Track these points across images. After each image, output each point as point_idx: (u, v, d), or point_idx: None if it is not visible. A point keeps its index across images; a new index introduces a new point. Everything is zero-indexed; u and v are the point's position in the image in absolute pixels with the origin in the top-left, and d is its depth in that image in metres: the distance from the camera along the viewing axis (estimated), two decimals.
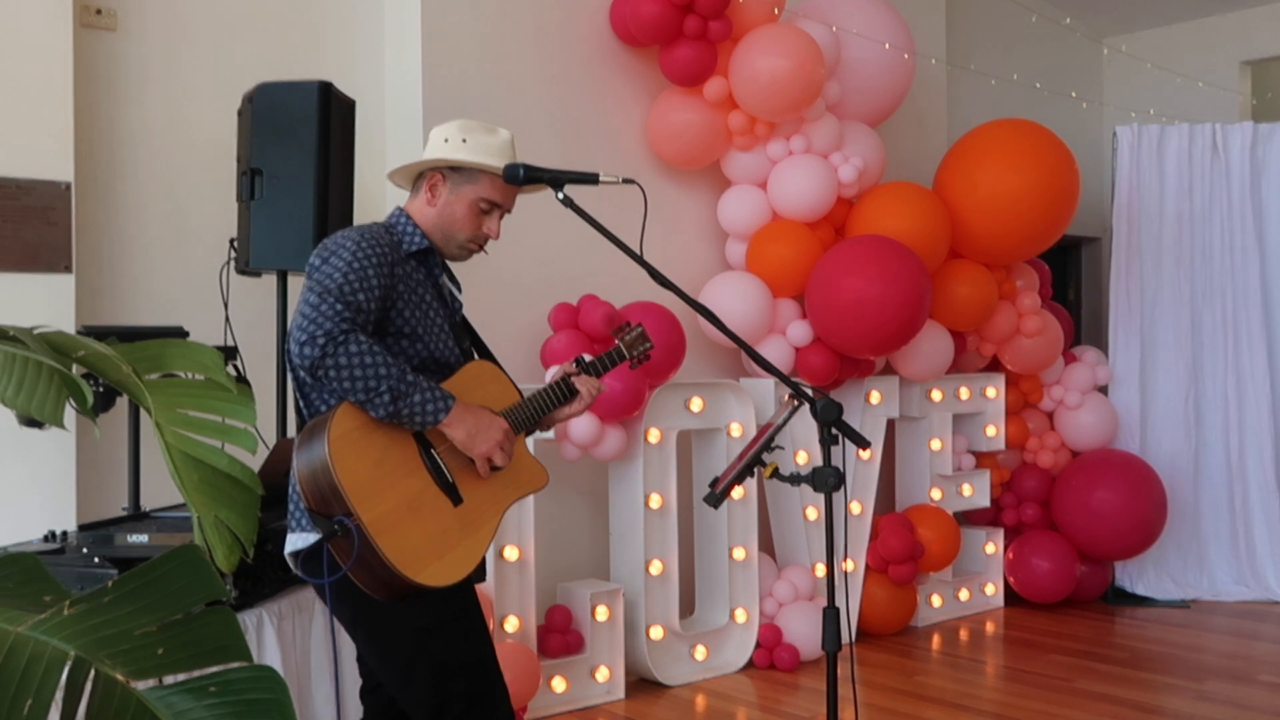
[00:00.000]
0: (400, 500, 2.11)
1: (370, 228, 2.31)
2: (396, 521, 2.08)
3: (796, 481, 2.26)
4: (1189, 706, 4.07)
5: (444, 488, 2.19)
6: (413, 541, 2.09)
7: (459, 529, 2.18)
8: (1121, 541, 5.42)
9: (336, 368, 2.06)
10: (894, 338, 4.63)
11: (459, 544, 2.17)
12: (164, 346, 1.28)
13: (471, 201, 2.39)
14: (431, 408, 2.15)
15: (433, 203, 2.40)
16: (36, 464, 3.33)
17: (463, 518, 2.20)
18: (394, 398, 2.10)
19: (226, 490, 1.22)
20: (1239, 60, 7.29)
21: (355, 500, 2.03)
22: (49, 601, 1.07)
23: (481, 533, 2.22)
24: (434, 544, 2.12)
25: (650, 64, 4.84)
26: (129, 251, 3.77)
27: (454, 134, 2.40)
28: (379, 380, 2.08)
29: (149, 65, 3.82)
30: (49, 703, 0.99)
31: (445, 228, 2.40)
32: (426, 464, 2.19)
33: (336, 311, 2.09)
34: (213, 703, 1.03)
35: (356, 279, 2.15)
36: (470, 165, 2.37)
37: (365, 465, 2.09)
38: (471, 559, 2.18)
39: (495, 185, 2.40)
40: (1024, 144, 5.07)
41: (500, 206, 2.43)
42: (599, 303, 4.20)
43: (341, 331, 2.08)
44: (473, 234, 2.42)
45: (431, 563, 2.10)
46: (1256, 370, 5.82)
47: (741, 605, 4.53)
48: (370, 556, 2.04)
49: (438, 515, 2.16)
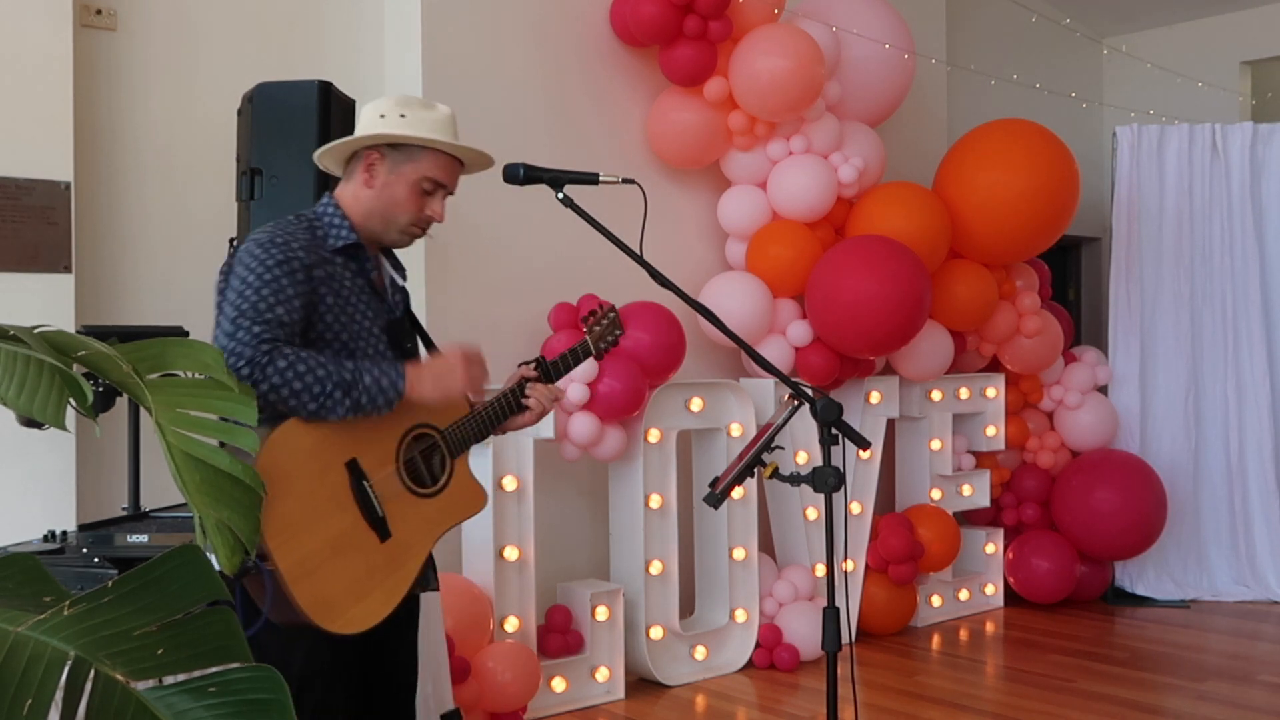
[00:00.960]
0: (323, 541, 1.99)
1: (286, 226, 2.13)
2: (316, 566, 1.96)
3: (796, 481, 2.25)
4: (1189, 706, 4.07)
5: (372, 522, 2.06)
6: (332, 586, 1.98)
7: (384, 567, 2.07)
8: (1121, 541, 5.42)
9: (274, 389, 1.94)
10: (894, 338, 4.63)
11: (381, 583, 2.06)
12: (165, 345, 1.27)
13: (413, 181, 2.19)
14: (387, 382, 2.04)
15: (370, 184, 2.20)
16: (36, 464, 3.33)
17: (390, 553, 2.08)
18: (345, 391, 1.98)
19: (228, 491, 1.22)
20: (1239, 60, 7.29)
21: (273, 544, 1.90)
22: (49, 602, 1.07)
23: (407, 568, 2.11)
24: (355, 587, 2.01)
25: (650, 64, 4.84)
26: (129, 251, 3.77)
27: (390, 109, 2.20)
28: (321, 382, 1.96)
29: (149, 65, 3.82)
30: (49, 703, 0.99)
31: (385, 211, 2.21)
32: (356, 497, 2.05)
33: (253, 334, 1.96)
34: (212, 703, 1.03)
35: (270, 292, 2.00)
36: (412, 140, 2.18)
37: (290, 504, 1.95)
38: (393, 599, 2.06)
39: (439, 163, 2.21)
40: (1024, 144, 5.07)
41: (444, 186, 2.24)
42: (597, 302, 4.19)
43: (262, 353, 1.94)
44: (415, 217, 2.22)
45: (349, 609, 1.99)
46: (1256, 370, 5.82)
47: (741, 605, 4.53)
48: (283, 601, 1.93)
49: (363, 553, 2.04)
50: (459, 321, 4.21)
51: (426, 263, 4.14)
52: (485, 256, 4.32)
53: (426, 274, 4.14)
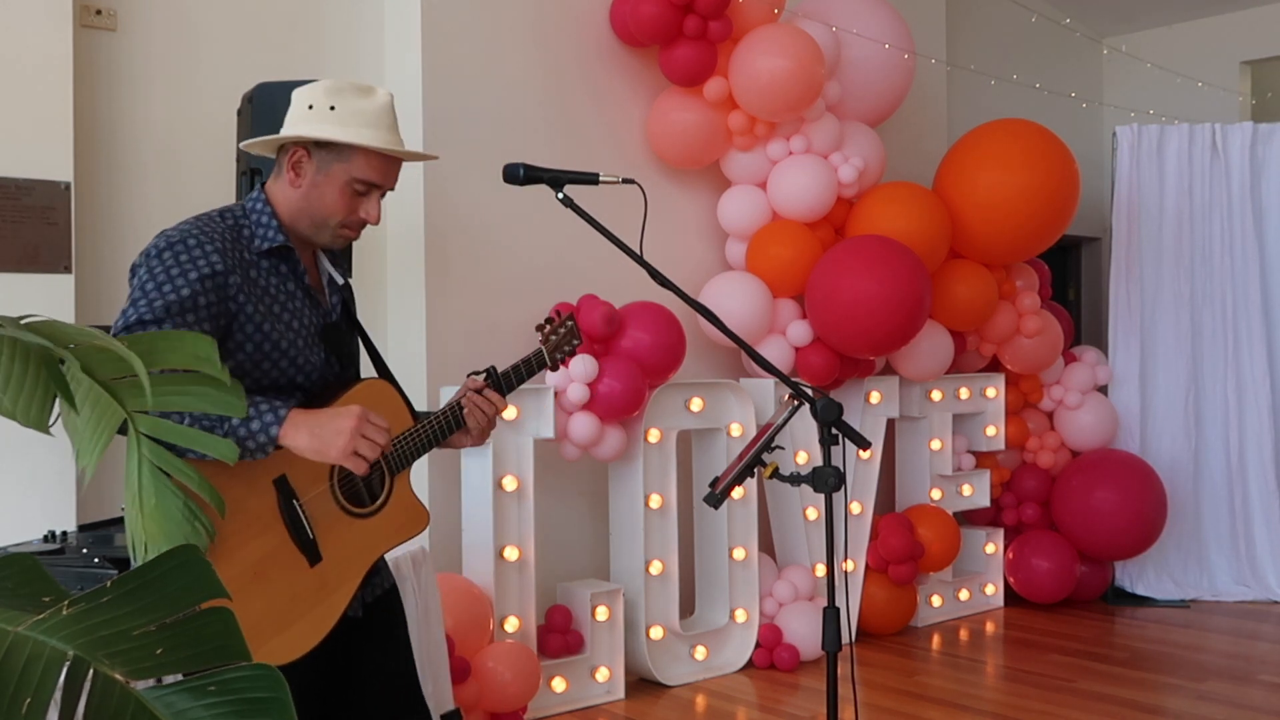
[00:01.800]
0: (245, 566, 1.83)
1: (207, 225, 1.92)
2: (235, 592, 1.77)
3: (796, 481, 2.25)
4: (1189, 706, 4.07)
5: (301, 545, 1.89)
6: (251, 616, 1.80)
7: (313, 593, 1.90)
8: (1121, 541, 5.42)
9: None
10: (894, 338, 4.63)
11: (309, 611, 1.89)
12: (155, 339, 1.26)
13: (344, 183, 1.97)
14: (258, 426, 1.78)
15: (297, 184, 1.98)
16: (36, 464, 3.33)
17: (320, 578, 1.91)
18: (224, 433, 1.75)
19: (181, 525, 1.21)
20: (1239, 60, 7.29)
21: None
22: (48, 601, 1.07)
23: (338, 595, 1.94)
24: (278, 615, 1.85)
25: (650, 64, 4.84)
26: (129, 251, 3.76)
27: (320, 99, 1.96)
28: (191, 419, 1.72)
29: (149, 65, 3.82)
30: (47, 702, 0.99)
31: (313, 213, 1.98)
32: (285, 518, 1.88)
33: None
34: (212, 702, 1.03)
35: (163, 306, 1.78)
36: (339, 141, 1.94)
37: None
38: (320, 629, 1.90)
39: (371, 162, 1.97)
40: (1024, 144, 5.07)
41: (379, 186, 2.01)
42: (599, 303, 4.20)
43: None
44: (345, 219, 2.00)
45: (271, 638, 1.84)
46: (1256, 370, 5.82)
47: (741, 605, 4.53)
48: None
49: (288, 579, 1.87)
50: (458, 322, 4.21)
51: (426, 263, 4.14)
52: (485, 257, 4.32)
53: (426, 274, 4.14)
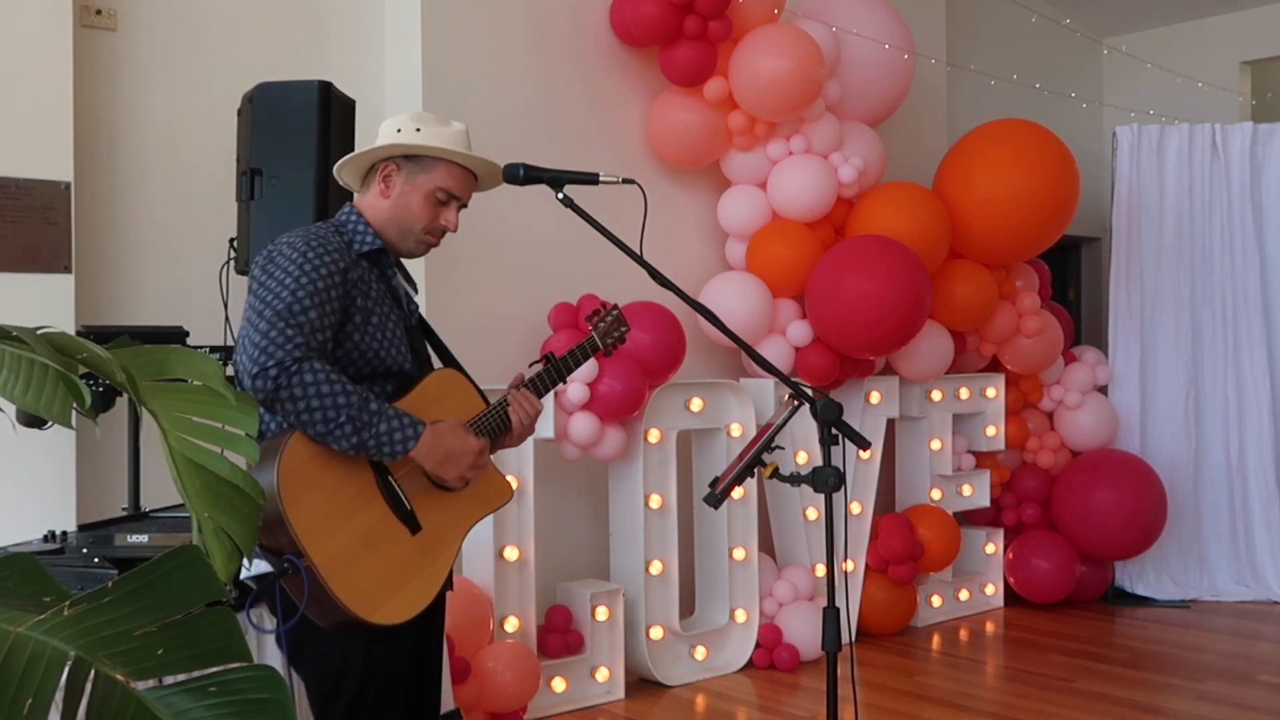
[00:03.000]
0: (354, 536, 2.01)
1: (318, 230, 2.18)
2: (350, 561, 1.98)
3: (796, 481, 2.25)
4: (1189, 706, 4.07)
5: (401, 517, 2.09)
6: (367, 580, 1.99)
7: (417, 559, 2.09)
8: (1121, 541, 5.42)
9: (292, 400, 1.94)
10: (894, 338, 4.63)
11: (416, 576, 2.08)
12: (167, 354, 1.27)
13: (428, 192, 2.25)
14: (400, 436, 2.03)
15: (386, 194, 2.26)
16: (36, 464, 3.33)
17: (422, 546, 2.11)
18: (356, 429, 1.98)
19: (228, 497, 1.22)
20: (1239, 60, 7.29)
21: (306, 541, 1.92)
22: (49, 602, 1.07)
23: (441, 560, 2.13)
24: (390, 580, 2.03)
25: (650, 64, 4.84)
26: (129, 251, 3.77)
27: (407, 124, 2.27)
28: (338, 410, 1.96)
29: (149, 65, 3.82)
30: (49, 703, 0.99)
31: (400, 220, 2.26)
32: (383, 493, 2.08)
33: (287, 337, 1.96)
34: (212, 703, 1.03)
35: (306, 295, 2.02)
36: (426, 151, 2.24)
37: (318, 500, 1.98)
38: (430, 590, 2.09)
39: (452, 174, 2.28)
40: (1024, 144, 5.07)
41: (457, 198, 2.30)
42: (599, 303, 4.19)
43: (293, 360, 1.95)
44: (429, 225, 2.28)
45: (386, 600, 2.01)
46: (1256, 370, 5.82)
47: (741, 605, 4.53)
48: (323, 597, 1.95)
49: (394, 548, 2.06)
50: (459, 321, 4.20)
51: (427, 262, 4.14)
52: (485, 256, 4.32)
53: (427, 274, 4.14)
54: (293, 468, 1.96)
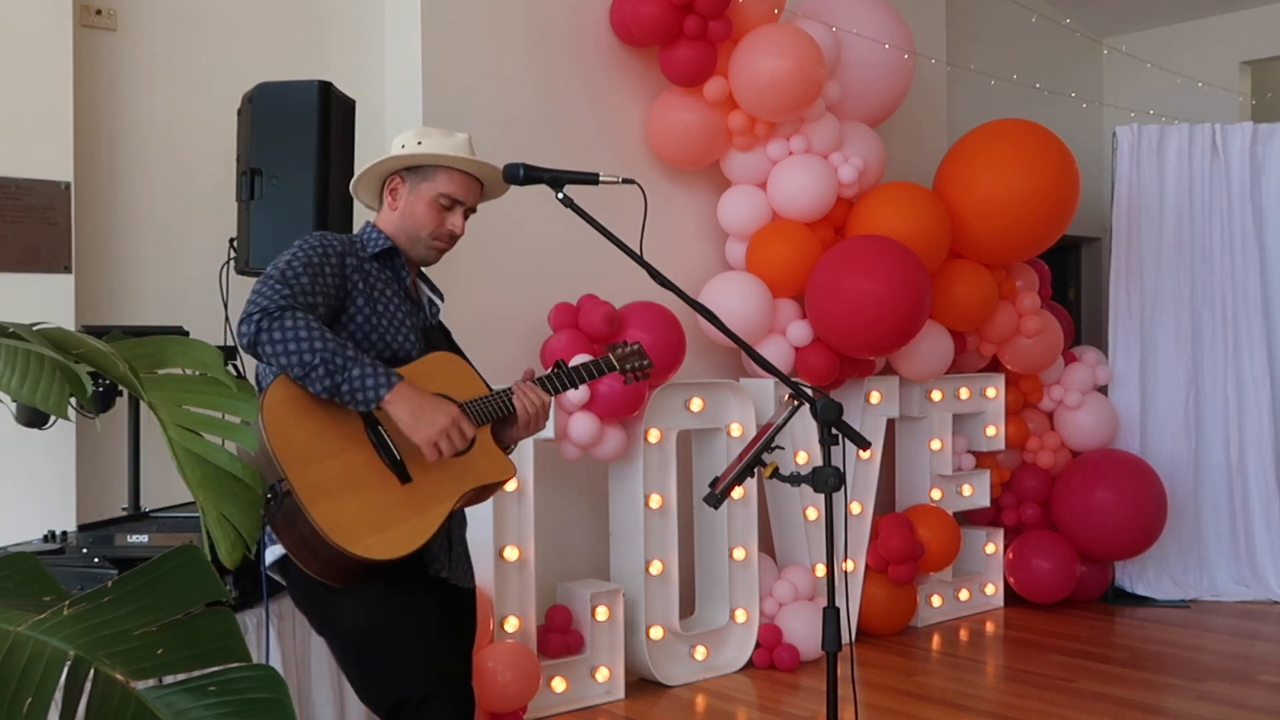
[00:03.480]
0: (339, 471, 2.03)
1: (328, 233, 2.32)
2: (333, 490, 2.00)
3: (796, 481, 2.25)
4: (1189, 706, 4.07)
5: (391, 465, 2.12)
6: (349, 512, 2.00)
7: (406, 506, 2.09)
8: (1121, 541, 5.42)
9: (271, 342, 2.03)
10: (894, 338, 4.63)
11: (406, 520, 2.07)
12: (163, 344, 1.28)
13: (431, 199, 2.37)
14: (373, 383, 2.06)
15: (394, 206, 2.40)
16: (36, 464, 3.33)
17: (412, 495, 2.11)
18: (329, 372, 2.03)
19: (229, 487, 1.22)
20: (1239, 60, 7.29)
21: (287, 466, 1.97)
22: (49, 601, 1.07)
23: (432, 513, 2.12)
24: (375, 517, 2.03)
25: (650, 64, 4.84)
26: (129, 251, 3.77)
27: (410, 139, 2.41)
28: (313, 353, 2.03)
29: (149, 65, 3.82)
30: (49, 702, 0.99)
31: (408, 228, 2.39)
32: (372, 440, 2.12)
33: (275, 290, 2.08)
34: (212, 702, 1.03)
35: (301, 265, 2.15)
36: (425, 160, 2.37)
37: (302, 434, 2.02)
38: (418, 536, 2.08)
39: (454, 180, 2.39)
40: (1024, 144, 5.07)
41: (461, 202, 2.40)
42: (599, 303, 4.20)
43: (277, 307, 2.05)
44: (435, 231, 2.39)
45: (368, 535, 2.00)
46: (1256, 370, 5.82)
47: (741, 605, 4.53)
48: (302, 525, 1.96)
49: (382, 490, 2.07)
50: (459, 322, 4.19)
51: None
52: (485, 256, 4.32)
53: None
54: (278, 401, 2.03)
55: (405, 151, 2.37)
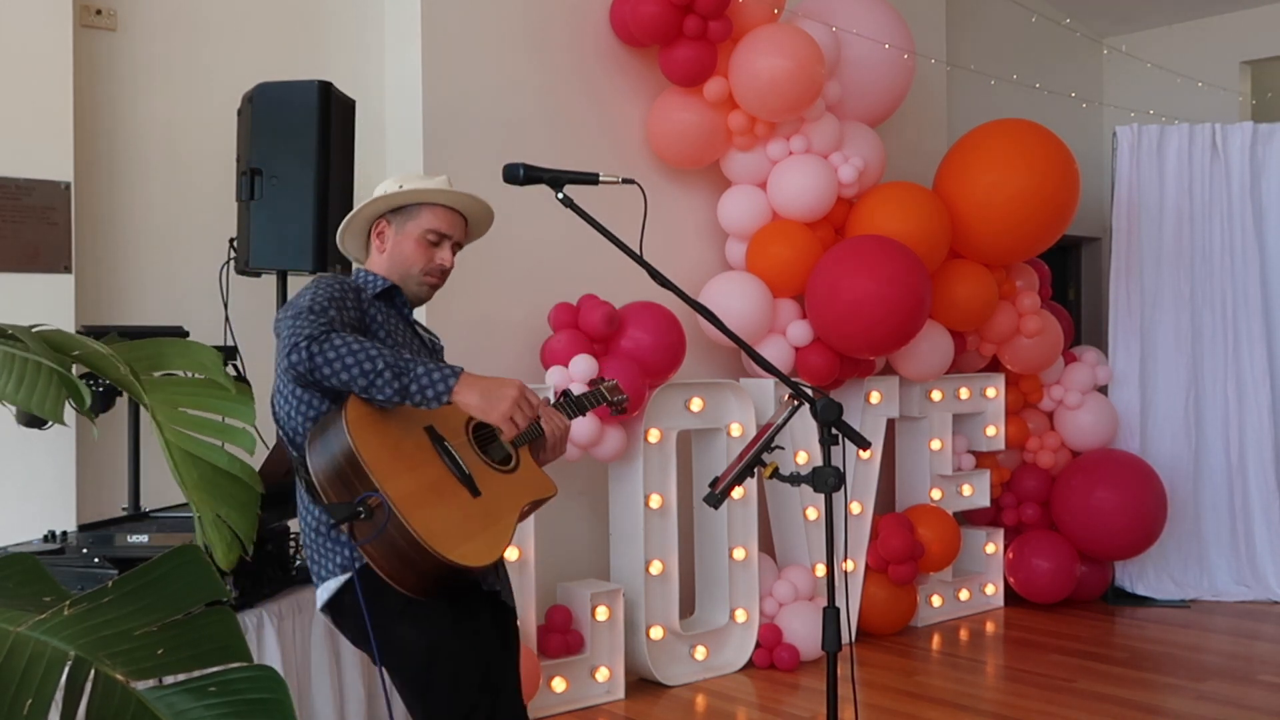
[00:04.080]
0: (424, 483, 2.07)
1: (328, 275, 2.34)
2: (423, 501, 2.03)
3: (796, 481, 2.25)
4: (1189, 706, 4.07)
5: (461, 479, 2.16)
6: (441, 520, 2.03)
7: (481, 516, 2.14)
8: (1121, 541, 5.42)
9: (328, 362, 2.03)
10: (894, 338, 4.63)
11: (485, 530, 2.12)
12: (162, 346, 1.28)
13: (418, 236, 2.40)
14: (439, 376, 2.07)
15: (382, 249, 2.43)
16: (36, 464, 3.33)
17: (484, 507, 2.16)
18: (395, 374, 2.04)
19: (226, 488, 1.22)
20: (1239, 60, 7.29)
21: (380, 477, 1.99)
22: (49, 602, 1.07)
23: (503, 524, 2.18)
24: (461, 526, 2.07)
25: (650, 64, 4.84)
26: (129, 251, 3.77)
27: (390, 185, 2.43)
28: (372, 360, 2.04)
29: (149, 65, 3.82)
30: (49, 702, 0.99)
31: (399, 268, 2.41)
32: (441, 456, 2.16)
33: (310, 321, 2.09)
34: (212, 703, 1.03)
35: (325, 300, 2.17)
36: (409, 198, 2.40)
37: (385, 447, 2.05)
38: (499, 545, 2.14)
39: (438, 216, 2.42)
40: (1024, 144, 5.07)
41: (448, 236, 2.44)
42: (599, 303, 4.20)
43: (320, 331, 2.06)
44: (426, 267, 2.42)
45: (462, 543, 2.04)
46: (1256, 370, 5.82)
47: (741, 605, 4.53)
48: (399, 535, 1.97)
49: (459, 501, 2.12)
50: (458, 322, 4.20)
51: None
52: (485, 257, 4.31)
53: None
54: (358, 416, 2.06)
55: (388, 192, 2.40)
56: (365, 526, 1.99)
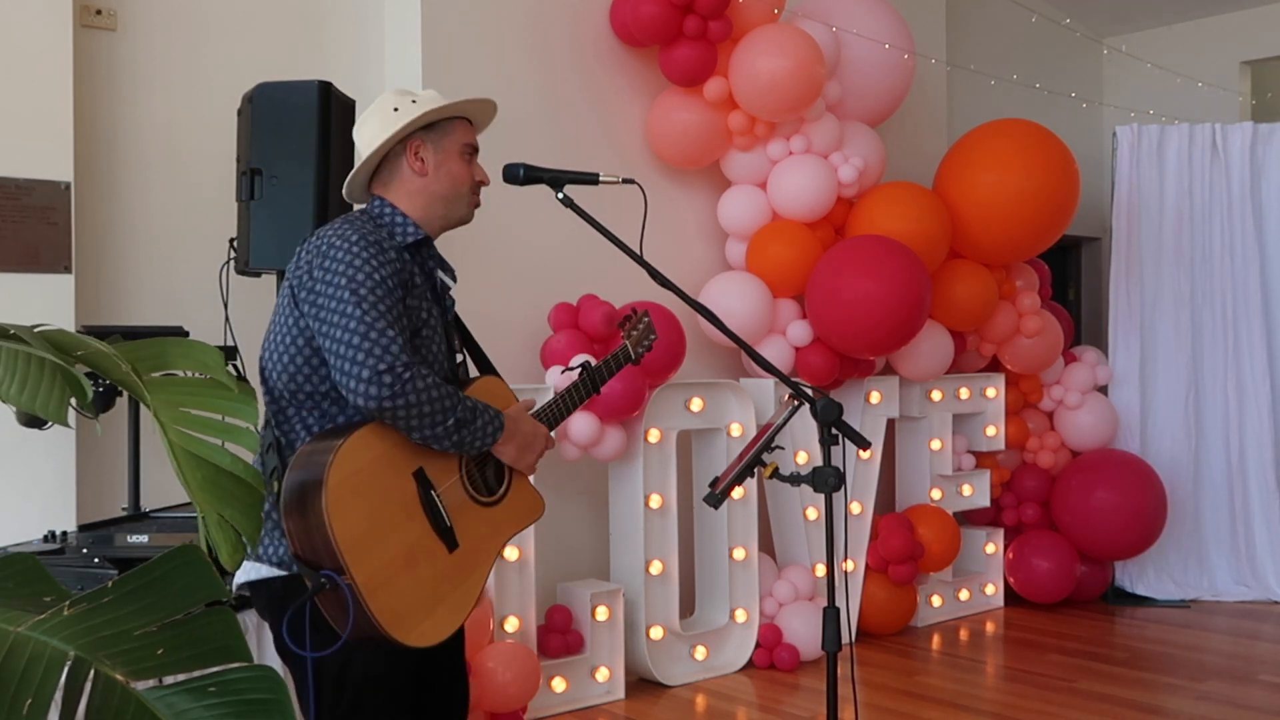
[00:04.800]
0: (396, 552, 1.99)
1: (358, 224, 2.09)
2: (390, 577, 1.96)
3: (796, 481, 2.25)
4: (1189, 706, 4.07)
5: (440, 532, 2.06)
6: (405, 599, 1.97)
7: (452, 577, 2.07)
8: (1121, 541, 5.42)
9: (407, 406, 1.93)
10: (894, 338, 4.63)
11: (450, 595, 2.06)
12: (164, 345, 1.28)
13: (459, 150, 2.25)
14: (491, 429, 2.08)
15: (424, 170, 2.21)
16: (36, 464, 3.33)
17: (458, 563, 2.09)
18: (459, 425, 2.00)
19: (230, 489, 1.22)
20: (1239, 60, 7.29)
21: (350, 559, 1.89)
22: (49, 602, 1.07)
23: (473, 579, 2.12)
24: (426, 599, 2.02)
25: (650, 64, 4.84)
26: (129, 251, 3.77)
27: (397, 100, 2.21)
28: (446, 414, 1.98)
29: (149, 65, 3.82)
30: (49, 703, 0.99)
31: (450, 190, 2.23)
32: (425, 507, 2.05)
33: (391, 339, 1.94)
34: (212, 703, 1.03)
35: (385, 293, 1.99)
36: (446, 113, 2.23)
37: (362, 515, 1.95)
38: (460, 613, 2.07)
39: (465, 129, 2.29)
40: (1024, 144, 5.07)
41: (477, 149, 2.32)
42: (599, 303, 4.20)
43: (404, 364, 1.93)
44: (473, 184, 2.28)
45: (421, 621, 1.99)
46: (1256, 370, 5.82)
47: (741, 605, 4.53)
48: (359, 615, 1.91)
49: (431, 566, 2.04)
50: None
51: None
52: (484, 256, 4.32)
53: None
54: (341, 479, 1.93)
55: (417, 112, 2.18)
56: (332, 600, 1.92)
